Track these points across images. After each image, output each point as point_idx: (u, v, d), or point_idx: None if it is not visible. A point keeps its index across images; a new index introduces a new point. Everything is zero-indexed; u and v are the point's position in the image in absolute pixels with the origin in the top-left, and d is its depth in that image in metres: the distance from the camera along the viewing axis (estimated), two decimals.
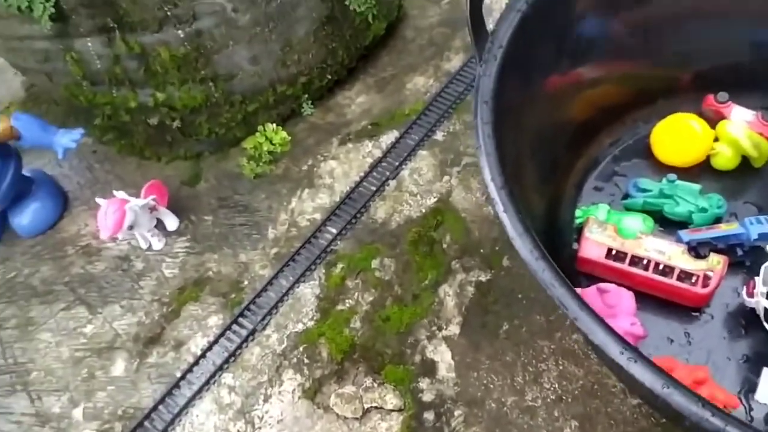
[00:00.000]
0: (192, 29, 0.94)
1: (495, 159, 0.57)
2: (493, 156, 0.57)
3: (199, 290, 0.94)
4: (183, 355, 0.88)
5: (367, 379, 0.83)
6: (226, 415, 0.81)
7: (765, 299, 0.71)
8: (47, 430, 0.83)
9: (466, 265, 0.91)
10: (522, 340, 0.83)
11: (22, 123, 0.94)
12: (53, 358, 0.89)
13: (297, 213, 1.01)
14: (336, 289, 0.91)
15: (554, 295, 0.51)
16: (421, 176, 1.02)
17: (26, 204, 1.02)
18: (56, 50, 0.96)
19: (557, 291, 0.51)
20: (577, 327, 0.51)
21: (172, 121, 1.04)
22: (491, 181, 0.57)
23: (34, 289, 0.97)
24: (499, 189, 0.56)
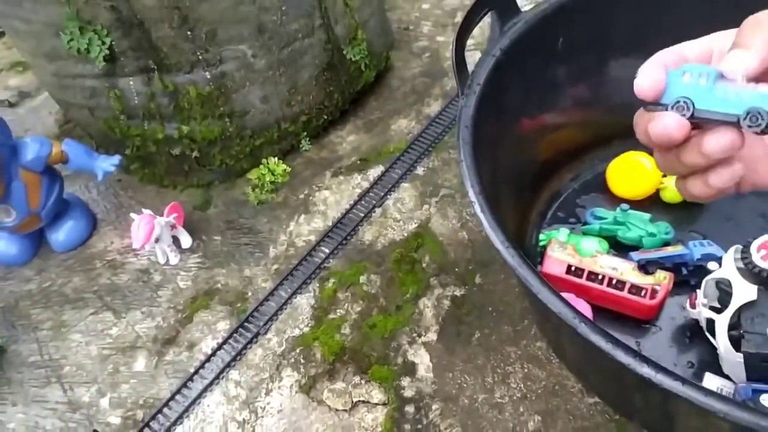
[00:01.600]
0: (217, 71, 0.97)
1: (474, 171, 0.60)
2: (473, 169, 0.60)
3: (209, 299, 0.95)
4: (195, 354, 0.88)
5: (356, 377, 0.84)
6: (233, 406, 0.82)
7: (706, 310, 0.73)
8: (78, 415, 0.83)
9: (443, 281, 0.93)
10: (492, 347, 0.84)
11: (70, 148, 0.96)
12: (83, 356, 0.90)
13: (294, 235, 1.02)
14: (328, 300, 0.93)
15: (521, 275, 0.53)
16: (403, 205, 1.04)
17: (62, 222, 1.03)
18: (102, 87, 0.98)
19: (523, 271, 0.53)
20: (539, 300, 0.52)
21: (191, 152, 1.06)
22: (471, 187, 0.59)
23: (66, 296, 0.98)
24: (477, 194, 0.58)
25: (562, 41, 0.83)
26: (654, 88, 0.40)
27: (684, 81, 0.39)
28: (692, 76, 0.39)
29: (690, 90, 0.39)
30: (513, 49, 0.74)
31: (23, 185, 0.93)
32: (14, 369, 0.89)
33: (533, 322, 0.85)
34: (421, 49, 1.36)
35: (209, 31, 0.94)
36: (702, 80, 0.38)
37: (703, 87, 0.38)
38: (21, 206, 0.93)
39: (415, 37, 1.40)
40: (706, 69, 0.38)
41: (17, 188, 0.92)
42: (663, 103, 0.39)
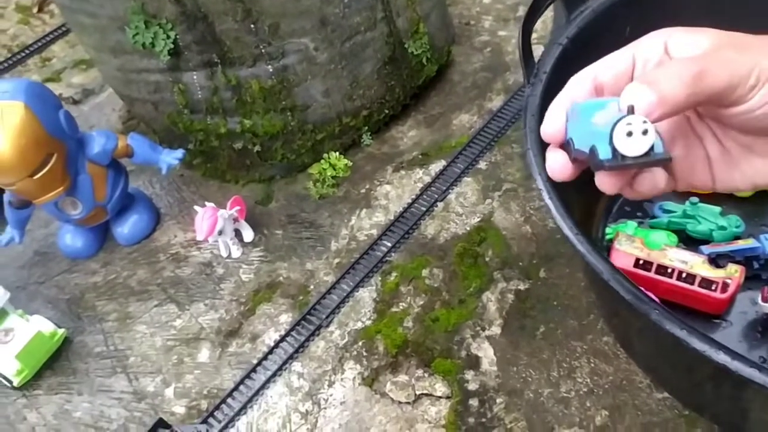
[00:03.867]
0: (280, 65, 0.99)
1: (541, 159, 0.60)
2: (539, 157, 0.60)
3: (271, 292, 0.97)
4: (258, 346, 0.90)
5: (419, 370, 0.84)
6: (296, 397, 0.84)
7: None
8: (143, 405, 0.86)
9: (507, 275, 0.93)
10: (557, 341, 0.84)
11: (135, 142, 0.99)
12: (148, 346, 0.92)
13: (356, 229, 1.03)
14: (390, 293, 0.93)
15: (590, 262, 0.53)
16: (466, 199, 1.05)
17: (127, 216, 1.06)
18: (166, 82, 1.01)
19: (593, 258, 0.53)
20: (608, 289, 0.51)
21: (253, 146, 1.08)
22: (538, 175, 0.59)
23: (131, 288, 1.01)
24: (545, 182, 0.58)
25: (630, 29, 0.82)
26: (555, 132, 0.41)
27: (572, 120, 0.39)
28: (576, 114, 0.38)
29: (574, 128, 0.39)
30: (580, 37, 0.74)
31: (89, 178, 0.96)
32: (80, 359, 0.92)
33: (599, 316, 0.84)
34: (482, 43, 1.36)
35: (272, 24, 0.95)
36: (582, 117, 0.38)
37: (582, 123, 0.38)
38: (87, 199, 0.96)
39: (476, 31, 1.40)
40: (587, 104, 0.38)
41: (84, 181, 0.95)
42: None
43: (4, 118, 0.83)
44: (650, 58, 0.38)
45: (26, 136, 0.84)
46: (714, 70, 0.34)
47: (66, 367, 0.92)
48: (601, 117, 0.36)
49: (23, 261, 1.08)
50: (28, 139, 0.84)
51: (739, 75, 0.34)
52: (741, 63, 0.34)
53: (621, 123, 0.34)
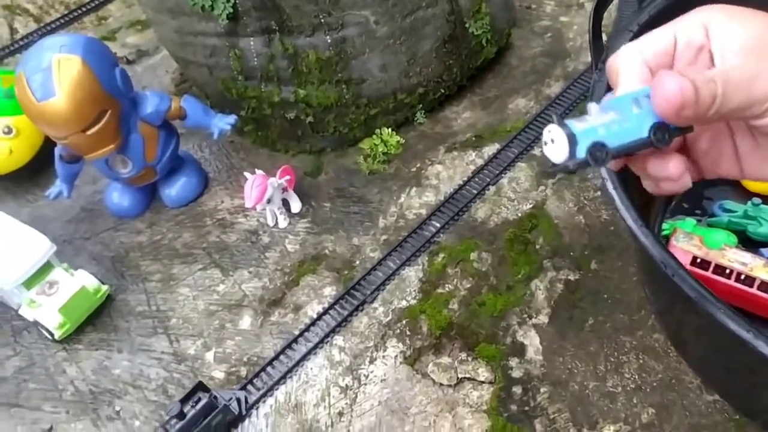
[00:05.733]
0: (338, 36, 0.98)
1: None
2: None
3: (316, 264, 0.96)
4: (300, 317, 0.90)
5: (462, 353, 0.83)
6: (336, 371, 0.83)
7: None
8: (183, 366, 0.86)
9: (557, 264, 0.91)
10: (605, 335, 0.82)
11: (189, 104, 0.99)
12: (190, 309, 0.93)
13: (405, 207, 1.02)
14: (437, 274, 0.92)
15: (655, 255, 0.52)
16: (518, 185, 1.03)
17: (176, 179, 1.06)
18: (222, 47, 1.01)
19: (657, 251, 0.52)
20: (669, 283, 0.50)
21: (306, 117, 1.07)
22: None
23: (176, 251, 1.01)
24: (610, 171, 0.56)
25: None
26: None
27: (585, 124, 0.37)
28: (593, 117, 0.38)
29: (599, 130, 0.37)
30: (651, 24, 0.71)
31: (141, 138, 0.96)
32: (122, 317, 0.93)
33: (651, 312, 0.82)
34: (543, 28, 1.34)
35: None
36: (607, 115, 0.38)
37: (609, 122, 0.37)
38: (138, 158, 0.97)
39: (537, 16, 1.38)
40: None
41: (135, 140, 0.95)
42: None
43: (62, 71, 0.83)
44: (692, 40, 0.38)
45: (82, 90, 0.84)
46: (728, 93, 0.35)
47: (107, 324, 0.93)
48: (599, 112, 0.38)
49: (70, 216, 1.09)
50: (83, 93, 0.84)
51: (754, 98, 0.35)
52: (759, 82, 0.35)
53: (545, 130, 0.36)
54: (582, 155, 0.36)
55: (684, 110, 0.35)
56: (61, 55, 0.83)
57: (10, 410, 0.85)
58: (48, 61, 0.83)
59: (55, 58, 0.83)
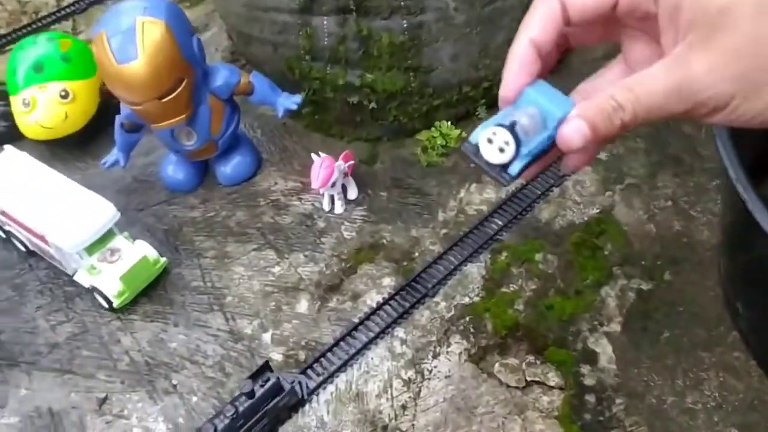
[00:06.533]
0: (415, 21, 0.95)
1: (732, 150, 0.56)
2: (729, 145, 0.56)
3: (374, 253, 0.94)
4: (359, 306, 0.88)
5: (529, 356, 0.81)
6: (399, 363, 0.81)
7: None
8: (240, 346, 0.84)
9: (627, 273, 0.89)
10: (683, 349, 0.80)
11: (257, 80, 0.97)
12: (245, 289, 0.90)
13: (465, 202, 1.00)
14: (501, 273, 0.90)
15: None
16: (584, 188, 1.00)
17: (231, 156, 1.04)
18: (294, 24, 0.98)
19: None
20: None
21: (368, 103, 1.05)
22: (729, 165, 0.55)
23: (230, 229, 0.98)
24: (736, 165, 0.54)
25: None
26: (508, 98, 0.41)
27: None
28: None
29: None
30: None
31: (209, 110, 0.94)
32: (176, 291, 0.90)
33: (732, 329, 0.79)
34: None
35: None
36: None
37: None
38: (203, 131, 0.95)
39: None
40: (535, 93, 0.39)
41: (203, 112, 0.93)
42: None
43: (145, 34, 0.81)
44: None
45: (163, 55, 0.82)
46: (640, 115, 0.34)
47: (162, 296, 0.90)
48: (519, 111, 0.37)
49: (121, 186, 1.07)
50: (164, 58, 0.82)
51: (723, 96, 0.32)
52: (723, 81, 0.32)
53: (490, 128, 0.36)
54: (512, 173, 0.37)
55: (590, 144, 0.35)
56: (145, 18, 0.81)
57: (63, 376, 0.83)
58: (131, 23, 0.81)
59: (139, 20, 0.81)
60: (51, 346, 0.86)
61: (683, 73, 0.32)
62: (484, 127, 0.37)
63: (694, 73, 0.32)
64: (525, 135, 0.37)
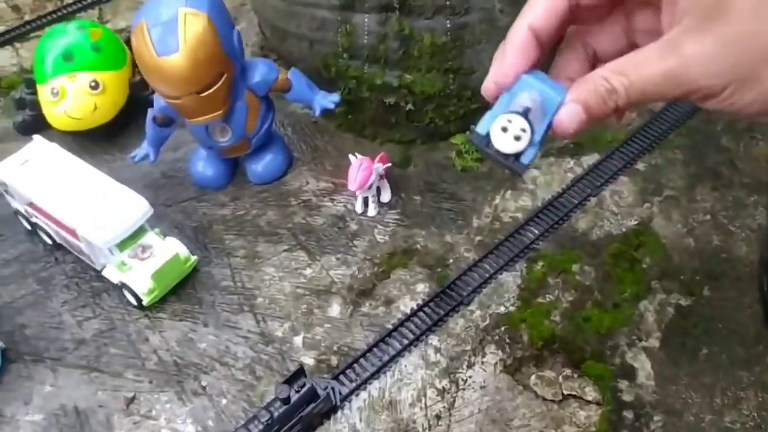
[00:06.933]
0: (459, 21, 0.94)
1: None
2: None
3: (407, 259, 0.93)
4: (392, 312, 0.87)
5: (566, 369, 0.80)
6: (433, 372, 0.80)
7: None
8: (271, 348, 0.83)
9: (666, 287, 0.87)
10: (721, 366, 0.79)
11: (295, 77, 0.96)
12: (276, 290, 0.89)
13: (500, 209, 0.99)
14: (537, 282, 0.89)
15: None
16: (621, 199, 0.99)
17: (263, 155, 1.03)
18: (333, 20, 0.97)
19: None
20: None
21: (405, 104, 1.04)
22: None
23: (260, 228, 0.98)
24: None
25: None
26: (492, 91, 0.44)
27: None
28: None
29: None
30: None
31: (246, 107, 0.93)
32: (206, 290, 0.90)
33: None
34: None
35: None
36: None
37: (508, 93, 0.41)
38: (238, 127, 0.94)
39: None
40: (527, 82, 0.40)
41: (240, 108, 0.93)
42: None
43: (187, 27, 0.80)
44: None
45: (205, 49, 0.81)
46: (692, 76, 0.34)
47: (191, 295, 0.89)
48: (521, 98, 0.39)
49: (149, 181, 1.06)
50: (205, 52, 0.81)
51: (716, 85, 0.34)
52: (718, 71, 0.33)
53: (504, 116, 0.38)
54: (525, 162, 0.39)
55: (584, 126, 0.37)
56: (187, 9, 0.80)
57: (90, 374, 0.82)
58: (172, 14, 0.80)
59: (182, 12, 0.80)
60: (77, 342, 0.85)
61: (677, 60, 0.33)
62: (493, 116, 0.38)
63: (687, 60, 0.33)
64: (534, 119, 0.37)
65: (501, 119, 0.38)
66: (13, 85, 1.26)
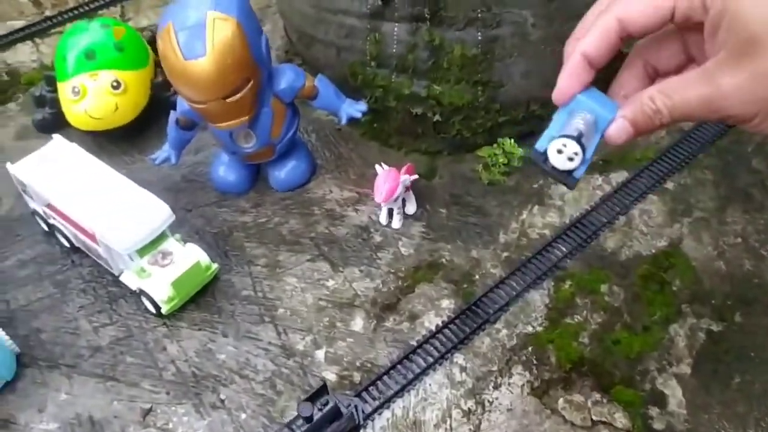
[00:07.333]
0: (490, 34, 0.93)
1: None
2: None
3: (432, 273, 0.91)
4: (417, 328, 0.85)
5: (595, 393, 0.78)
6: (458, 392, 0.78)
7: None
8: (292, 362, 0.82)
9: (697, 311, 0.86)
10: (754, 396, 0.77)
11: (322, 84, 0.95)
12: (298, 301, 0.88)
13: (527, 225, 0.97)
14: (565, 302, 0.87)
15: None
16: (651, 218, 0.98)
17: (287, 161, 1.02)
18: (362, 29, 0.96)
19: None
20: None
21: (432, 115, 1.02)
22: None
23: (282, 237, 0.96)
24: None
25: None
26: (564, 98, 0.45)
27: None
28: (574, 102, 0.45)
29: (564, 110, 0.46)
30: None
31: (271, 113, 0.92)
32: (226, 299, 0.88)
33: None
34: None
35: None
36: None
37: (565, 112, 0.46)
38: (264, 134, 0.93)
39: None
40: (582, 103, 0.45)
41: (265, 115, 0.91)
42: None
43: (216, 31, 0.78)
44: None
45: (233, 54, 0.80)
46: (725, 104, 0.38)
47: (211, 304, 0.88)
48: (576, 118, 0.43)
49: (169, 184, 1.05)
50: (233, 58, 0.80)
51: (747, 114, 0.38)
52: (749, 101, 0.37)
53: (560, 140, 0.42)
54: (576, 177, 0.44)
55: (633, 138, 0.42)
56: (216, 14, 0.78)
57: (105, 383, 0.80)
58: (200, 18, 0.79)
59: (210, 16, 0.78)
60: (93, 349, 0.84)
61: (713, 89, 0.38)
62: (550, 138, 0.43)
63: (722, 90, 0.37)
64: (586, 140, 0.42)
65: (557, 142, 0.42)
66: (32, 81, 1.24)
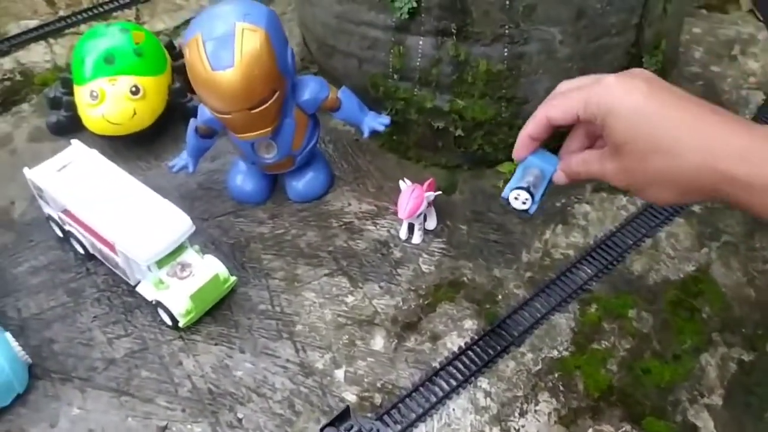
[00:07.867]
0: (517, 51, 0.91)
1: None
2: None
3: (454, 292, 0.89)
4: (439, 349, 0.83)
5: (625, 424, 0.76)
6: (483, 418, 0.76)
7: None
8: (311, 381, 0.79)
9: (728, 340, 0.84)
10: None
11: (345, 96, 0.93)
12: (317, 317, 0.86)
13: (551, 245, 0.95)
14: (592, 327, 0.85)
15: None
16: (678, 242, 0.96)
17: (305, 172, 1.00)
18: (386, 41, 0.94)
19: None
20: None
21: (455, 129, 1.00)
22: None
23: (300, 249, 0.94)
24: None
25: None
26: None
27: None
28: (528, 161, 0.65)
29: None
30: None
31: (294, 124, 0.90)
32: (243, 313, 0.86)
33: None
34: (692, 75, 1.26)
35: (528, 5, 0.88)
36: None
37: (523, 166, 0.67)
38: (285, 145, 0.91)
39: (684, 60, 1.30)
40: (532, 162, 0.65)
41: (288, 126, 0.90)
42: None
43: (244, 43, 0.76)
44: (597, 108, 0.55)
45: (260, 66, 0.78)
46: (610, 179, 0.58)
47: (228, 317, 0.86)
48: (528, 173, 0.65)
49: (184, 191, 1.03)
50: (261, 69, 0.78)
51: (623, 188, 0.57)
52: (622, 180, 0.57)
53: (515, 191, 0.65)
54: (531, 212, 0.66)
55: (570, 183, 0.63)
56: (245, 25, 0.77)
57: (120, 398, 0.78)
58: (229, 29, 0.77)
59: (239, 27, 0.77)
60: (107, 362, 0.81)
61: (603, 169, 0.56)
62: (510, 187, 0.65)
63: (607, 171, 0.56)
64: (534, 188, 0.63)
65: (514, 192, 0.65)
66: (46, 82, 1.22)
